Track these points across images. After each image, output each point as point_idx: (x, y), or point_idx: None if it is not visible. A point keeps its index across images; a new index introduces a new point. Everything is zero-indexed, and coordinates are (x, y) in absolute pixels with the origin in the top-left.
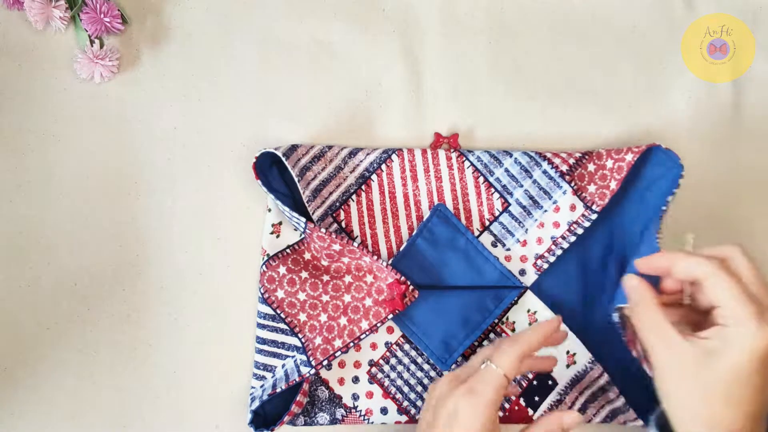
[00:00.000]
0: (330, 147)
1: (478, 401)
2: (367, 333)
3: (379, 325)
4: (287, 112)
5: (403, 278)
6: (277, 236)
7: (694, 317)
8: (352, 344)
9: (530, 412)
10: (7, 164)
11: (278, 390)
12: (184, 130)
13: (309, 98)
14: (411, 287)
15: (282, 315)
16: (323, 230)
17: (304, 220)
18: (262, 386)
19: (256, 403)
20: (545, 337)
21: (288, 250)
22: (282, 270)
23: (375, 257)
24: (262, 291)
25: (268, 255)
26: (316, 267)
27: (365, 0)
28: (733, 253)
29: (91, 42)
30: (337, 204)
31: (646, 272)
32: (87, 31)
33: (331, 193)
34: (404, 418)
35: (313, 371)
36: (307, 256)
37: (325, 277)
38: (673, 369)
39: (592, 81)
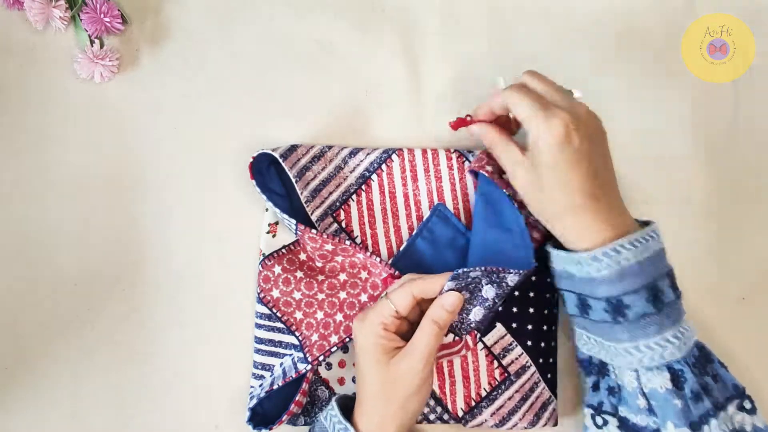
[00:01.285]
0: (330, 147)
1: (365, 327)
2: None
3: None
4: (287, 112)
5: (396, 272)
6: (273, 236)
7: None
8: (348, 339)
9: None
10: (7, 164)
11: (275, 387)
12: (184, 130)
13: (309, 98)
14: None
15: (278, 314)
16: (314, 231)
17: (294, 221)
18: (261, 385)
19: (255, 401)
20: (439, 287)
21: (284, 250)
22: (277, 269)
23: (368, 253)
24: (258, 291)
25: (264, 255)
26: (311, 267)
27: (365, 0)
28: (526, 77)
29: (91, 42)
30: (337, 204)
31: (483, 118)
32: (87, 31)
33: (331, 193)
34: None
35: (309, 367)
36: (303, 256)
37: (320, 277)
38: (523, 179)
39: (591, 81)
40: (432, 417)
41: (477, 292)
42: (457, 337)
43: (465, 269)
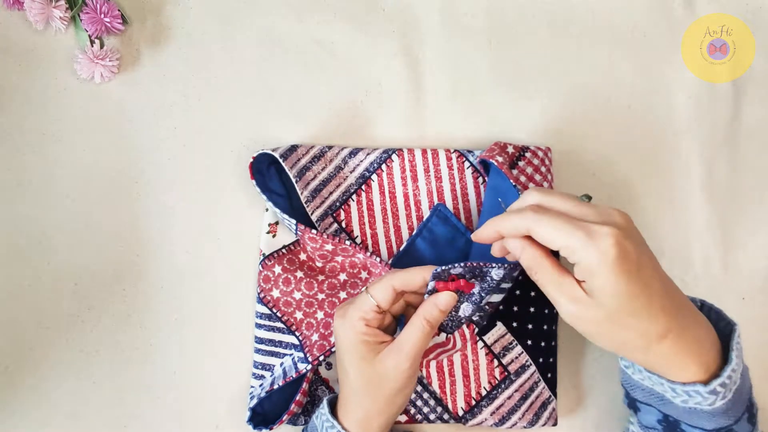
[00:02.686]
0: (330, 147)
1: (345, 322)
2: None
3: None
4: (287, 112)
5: None
6: (273, 236)
7: None
8: None
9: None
10: (7, 164)
11: (276, 386)
12: (184, 130)
13: (309, 98)
14: None
15: (278, 314)
16: (314, 231)
17: (294, 221)
18: (261, 385)
19: (255, 401)
20: (424, 279)
21: (284, 250)
22: (277, 269)
23: (368, 253)
24: (258, 290)
25: (264, 255)
26: (311, 267)
27: (365, 0)
28: (533, 196)
29: (91, 42)
30: (337, 204)
31: (484, 242)
32: (87, 31)
33: (331, 193)
34: (404, 417)
35: (310, 367)
36: (303, 256)
37: (320, 277)
38: (588, 319)
39: (591, 81)
40: (432, 417)
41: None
42: (448, 336)
43: (445, 267)
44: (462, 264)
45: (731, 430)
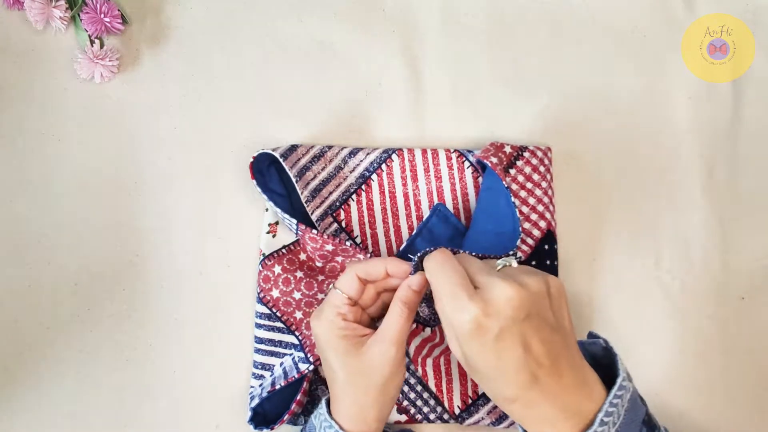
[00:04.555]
0: (330, 147)
1: (322, 321)
2: None
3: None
4: (287, 112)
5: None
6: (273, 236)
7: None
8: None
9: None
10: (7, 164)
11: (277, 387)
12: (184, 130)
13: (309, 98)
14: None
15: (278, 314)
16: (314, 231)
17: (295, 221)
18: (261, 385)
19: (256, 401)
20: (386, 269)
21: (284, 250)
22: (277, 269)
23: (369, 254)
24: (258, 290)
25: (264, 255)
26: (311, 268)
27: (365, 0)
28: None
29: (91, 42)
30: (337, 204)
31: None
32: (87, 31)
33: (331, 193)
34: (404, 417)
35: (311, 367)
36: (303, 256)
37: (320, 277)
38: (458, 357)
39: (592, 81)
40: (432, 417)
41: None
42: (433, 329)
43: (420, 253)
44: (432, 249)
45: None
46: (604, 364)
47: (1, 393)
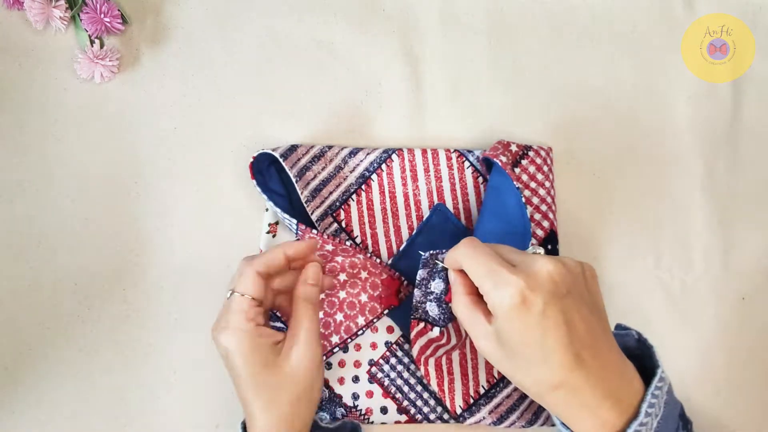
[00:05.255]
0: (330, 147)
1: (230, 332)
2: (364, 329)
3: (375, 320)
4: (287, 112)
5: (397, 274)
6: (273, 236)
7: None
8: (349, 340)
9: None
10: (7, 164)
11: None
12: (184, 130)
13: (309, 98)
14: (405, 282)
15: (277, 314)
16: (314, 231)
17: (295, 221)
18: None
19: None
20: (285, 255)
21: None
22: None
23: (369, 254)
24: None
25: None
26: None
27: (365, 0)
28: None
29: (91, 42)
30: (337, 204)
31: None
32: (87, 31)
33: (331, 193)
34: (404, 417)
35: None
36: None
37: None
38: (491, 354)
39: (592, 81)
40: (432, 417)
41: (425, 287)
42: (441, 330)
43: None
44: (423, 257)
45: None
46: (635, 355)
47: (1, 393)
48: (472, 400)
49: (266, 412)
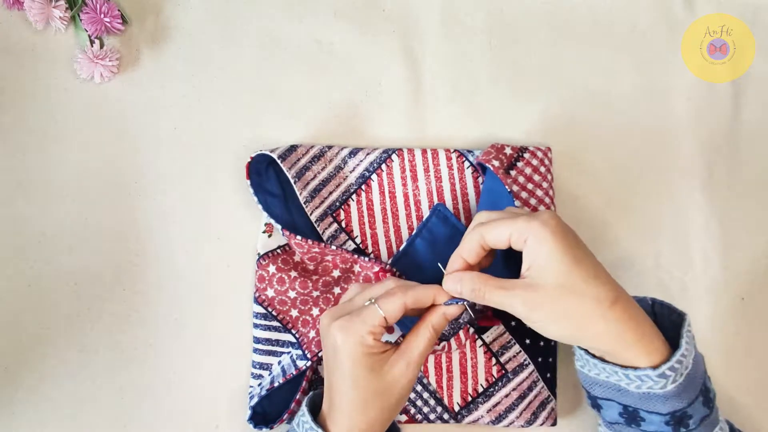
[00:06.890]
0: (330, 147)
1: (350, 336)
2: None
3: None
4: (287, 112)
5: (388, 266)
6: (269, 236)
7: None
8: None
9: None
10: (7, 164)
11: (276, 385)
12: (184, 130)
13: (308, 98)
14: (398, 273)
15: (273, 313)
16: (299, 237)
17: (280, 226)
18: (260, 384)
19: (255, 400)
20: (434, 300)
21: (278, 250)
22: (272, 269)
23: (355, 255)
24: (254, 290)
25: (259, 254)
26: (305, 268)
27: (365, 0)
28: (480, 216)
29: (91, 42)
30: (337, 204)
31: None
32: (87, 31)
33: (330, 193)
34: (404, 417)
35: (309, 363)
36: (297, 257)
37: (314, 276)
38: (541, 304)
39: (591, 81)
40: (432, 417)
41: None
42: (444, 342)
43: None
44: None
45: (685, 412)
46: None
47: (1, 393)
48: (470, 398)
49: (358, 411)
